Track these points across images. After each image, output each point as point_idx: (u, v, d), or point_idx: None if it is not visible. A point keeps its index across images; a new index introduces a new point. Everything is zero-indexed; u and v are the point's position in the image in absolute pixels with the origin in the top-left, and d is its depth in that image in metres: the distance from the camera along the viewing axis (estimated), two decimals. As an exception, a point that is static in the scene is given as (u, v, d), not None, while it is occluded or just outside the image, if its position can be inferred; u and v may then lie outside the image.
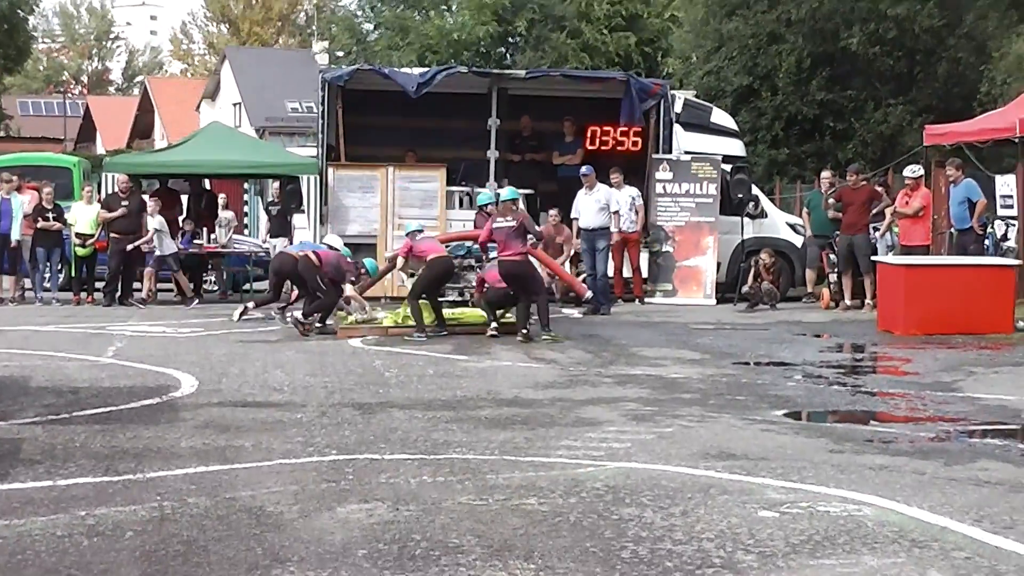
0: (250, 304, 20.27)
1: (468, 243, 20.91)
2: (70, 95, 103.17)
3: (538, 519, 7.73)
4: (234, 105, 70.74)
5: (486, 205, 20.53)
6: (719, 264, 24.46)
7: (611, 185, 23.15)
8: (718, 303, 23.79)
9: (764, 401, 12.58)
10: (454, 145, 25.27)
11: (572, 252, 22.92)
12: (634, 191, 23.70)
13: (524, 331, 17.67)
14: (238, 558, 6.93)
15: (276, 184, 25.75)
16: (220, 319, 20.21)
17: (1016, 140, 21.57)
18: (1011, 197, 22.01)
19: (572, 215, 22.91)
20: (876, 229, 22.98)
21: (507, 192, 18.75)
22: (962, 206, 21.57)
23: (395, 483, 8.70)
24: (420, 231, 19.66)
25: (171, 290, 24.90)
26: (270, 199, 25.69)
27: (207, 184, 27.67)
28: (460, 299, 20.05)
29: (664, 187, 24.42)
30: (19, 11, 57.94)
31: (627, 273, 23.93)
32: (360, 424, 11.10)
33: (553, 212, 23.25)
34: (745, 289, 23.32)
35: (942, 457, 9.73)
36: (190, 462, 9.36)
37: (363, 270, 20.19)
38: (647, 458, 9.60)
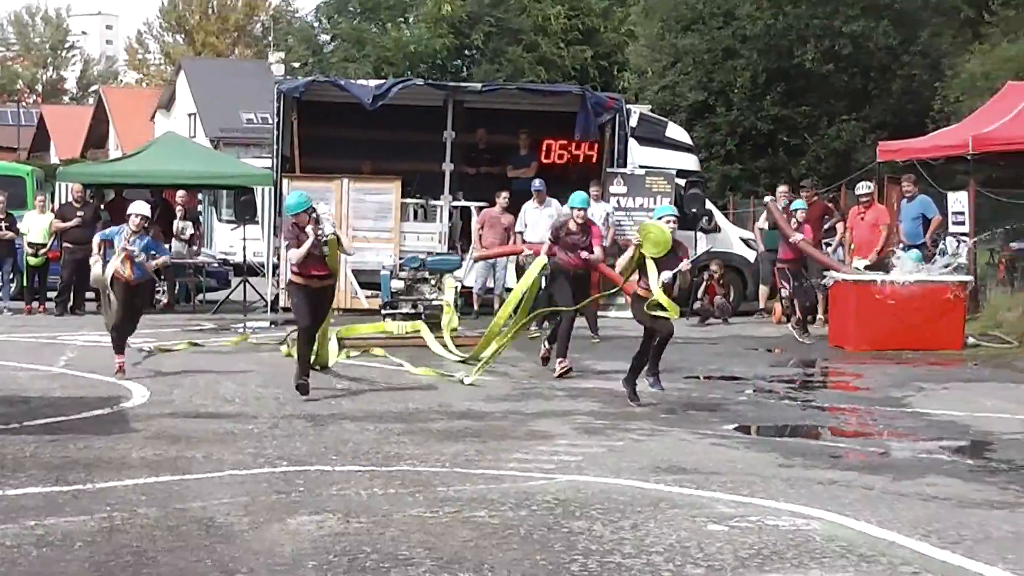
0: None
1: (421, 255, 21.03)
2: (24, 104, 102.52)
3: (488, 532, 7.75)
4: (189, 115, 70.42)
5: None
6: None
7: (591, 199, 23.07)
8: (671, 317, 23.79)
9: (715, 415, 12.64)
10: (409, 157, 25.19)
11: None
12: (608, 207, 23.54)
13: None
14: (188, 569, 6.93)
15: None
16: (172, 329, 20.13)
17: (968, 157, 21.71)
18: (963, 214, 22.07)
19: (517, 228, 22.76)
20: (828, 244, 23.05)
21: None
22: (916, 222, 21.71)
23: (346, 495, 8.71)
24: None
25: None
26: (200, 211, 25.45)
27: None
28: (413, 312, 19.87)
29: (618, 201, 24.43)
30: (-27, 19, 57.77)
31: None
32: (311, 436, 11.10)
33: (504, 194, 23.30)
34: (697, 305, 23.37)
35: (891, 472, 9.81)
36: (141, 473, 9.35)
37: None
38: (598, 471, 9.64)
